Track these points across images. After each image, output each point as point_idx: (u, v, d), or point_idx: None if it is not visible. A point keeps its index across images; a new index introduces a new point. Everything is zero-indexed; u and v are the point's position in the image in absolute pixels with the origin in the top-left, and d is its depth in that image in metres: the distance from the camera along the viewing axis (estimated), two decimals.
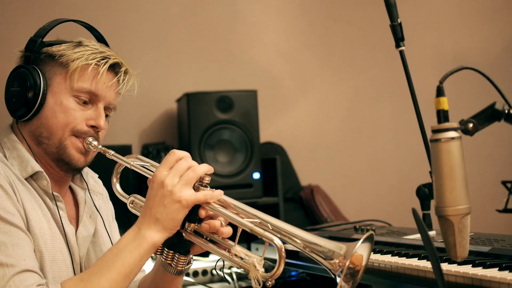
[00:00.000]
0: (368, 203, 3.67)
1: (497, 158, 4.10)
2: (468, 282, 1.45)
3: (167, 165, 1.39)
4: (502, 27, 4.24)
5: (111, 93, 1.56)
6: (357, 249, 1.24)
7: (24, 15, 2.99)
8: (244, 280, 2.40)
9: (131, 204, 1.56)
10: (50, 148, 1.50)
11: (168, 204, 1.35)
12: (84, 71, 1.51)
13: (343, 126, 3.74)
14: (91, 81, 1.51)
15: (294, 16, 3.69)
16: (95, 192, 1.67)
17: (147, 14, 3.29)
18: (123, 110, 3.24)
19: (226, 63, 3.46)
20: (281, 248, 1.27)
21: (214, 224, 1.40)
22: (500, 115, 1.17)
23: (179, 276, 1.51)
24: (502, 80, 2.91)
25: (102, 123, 1.54)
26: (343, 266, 1.23)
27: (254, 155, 2.89)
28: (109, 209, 1.75)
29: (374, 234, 1.30)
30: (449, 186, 1.12)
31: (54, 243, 1.45)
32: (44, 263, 1.41)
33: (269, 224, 1.34)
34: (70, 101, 1.50)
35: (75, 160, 1.53)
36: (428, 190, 1.92)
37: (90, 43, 1.57)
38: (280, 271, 1.27)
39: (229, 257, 1.36)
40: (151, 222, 1.36)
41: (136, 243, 1.35)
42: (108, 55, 1.54)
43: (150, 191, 1.38)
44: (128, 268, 1.34)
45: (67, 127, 1.50)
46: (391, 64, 3.13)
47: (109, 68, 1.54)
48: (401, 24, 2.02)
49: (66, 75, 1.50)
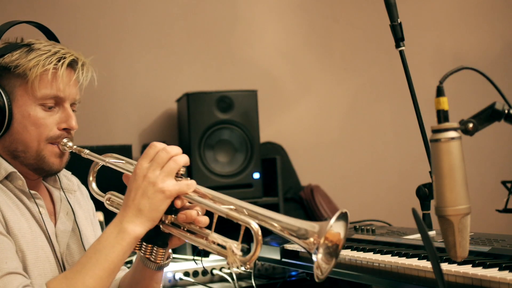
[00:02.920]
0: (368, 203, 3.67)
1: (497, 158, 4.10)
2: (468, 282, 1.45)
3: (148, 157, 1.40)
4: (502, 27, 4.24)
5: (74, 90, 1.55)
6: (330, 226, 1.25)
7: (24, 15, 2.99)
8: (244, 280, 2.40)
9: (108, 201, 1.56)
10: (28, 160, 1.50)
11: (151, 195, 1.35)
12: (44, 77, 1.48)
13: (343, 126, 3.74)
14: (53, 86, 1.49)
15: (294, 16, 3.69)
16: (69, 191, 1.66)
17: (147, 14, 3.29)
18: (123, 110, 3.25)
19: (226, 63, 3.46)
20: (258, 232, 1.28)
21: (190, 214, 1.40)
22: (500, 115, 1.17)
23: (159, 271, 1.53)
24: (502, 80, 2.91)
25: (73, 123, 1.54)
26: (318, 244, 1.25)
27: (254, 155, 2.89)
28: (90, 207, 1.75)
29: (348, 212, 1.31)
30: (449, 186, 1.12)
31: (35, 241, 1.45)
32: (27, 262, 1.40)
33: (244, 209, 1.36)
34: (37, 111, 1.49)
35: (56, 166, 1.53)
36: (428, 190, 1.92)
37: (41, 44, 1.53)
38: (257, 254, 1.28)
39: (207, 245, 1.38)
40: (134, 215, 1.36)
41: (119, 237, 1.36)
42: (63, 54, 1.52)
43: (131, 184, 1.39)
44: (112, 264, 1.35)
45: (41, 137, 1.49)
46: (391, 64, 3.14)
47: (67, 67, 1.52)
48: (401, 24, 2.02)
49: (26, 86, 1.48)
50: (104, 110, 3.17)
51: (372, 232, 2.05)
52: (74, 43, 3.02)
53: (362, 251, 1.86)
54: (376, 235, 2.01)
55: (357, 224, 2.23)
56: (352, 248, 1.91)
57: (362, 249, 1.87)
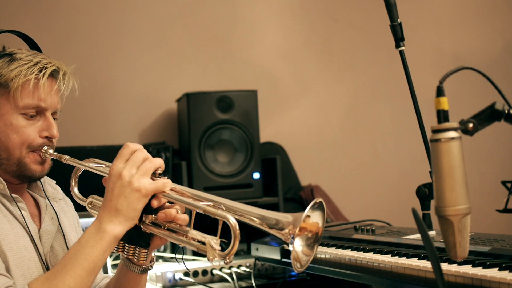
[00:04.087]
0: (368, 203, 3.67)
1: (497, 158, 4.10)
2: (468, 282, 1.45)
3: (123, 158, 1.42)
4: (502, 27, 4.24)
5: (55, 99, 1.57)
6: (305, 216, 1.29)
7: (24, 15, 2.99)
8: (244, 280, 2.40)
9: (90, 205, 1.59)
10: (10, 167, 1.52)
11: (128, 195, 1.38)
12: (26, 87, 1.50)
13: (343, 126, 3.74)
14: (34, 96, 1.51)
15: (294, 16, 3.69)
16: (54, 199, 1.68)
17: (147, 14, 3.29)
18: (123, 110, 3.25)
19: (226, 63, 3.46)
20: (235, 226, 1.31)
21: (170, 213, 1.43)
22: (500, 115, 1.17)
23: (143, 274, 1.55)
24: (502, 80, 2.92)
25: (55, 132, 1.56)
26: (294, 234, 1.28)
27: (254, 155, 2.89)
28: (74, 217, 1.77)
29: (323, 201, 1.33)
30: (449, 186, 1.12)
31: (18, 242, 1.46)
32: (9, 263, 1.42)
33: (222, 205, 1.38)
34: (19, 120, 1.51)
35: (37, 173, 1.55)
36: (428, 190, 1.92)
37: (23, 54, 1.54)
38: (235, 248, 1.31)
39: (187, 242, 1.40)
40: (112, 215, 1.39)
41: (98, 237, 1.38)
42: (45, 64, 1.53)
43: (108, 185, 1.41)
44: (92, 263, 1.37)
45: (23, 145, 1.51)
46: (391, 64, 3.13)
47: (49, 77, 1.54)
48: (401, 24, 2.02)
49: (8, 95, 1.50)
50: (104, 110, 3.17)
51: (372, 232, 2.06)
52: (74, 43, 3.05)
53: (362, 251, 1.86)
54: (376, 235, 2.01)
55: (357, 224, 2.23)
56: (352, 248, 1.91)
57: (362, 249, 1.87)
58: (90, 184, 1.63)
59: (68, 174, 1.64)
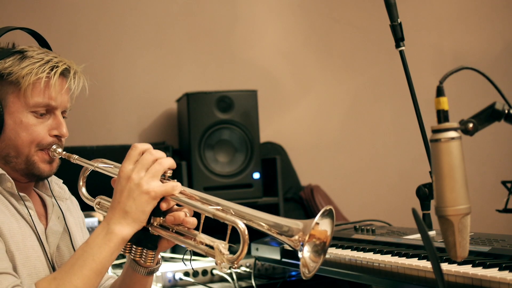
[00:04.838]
0: (368, 203, 3.67)
1: (497, 158, 4.10)
2: (468, 282, 1.45)
3: (131, 159, 1.41)
4: (502, 27, 4.24)
5: (65, 98, 1.57)
6: (314, 224, 1.28)
7: (24, 15, 2.99)
8: (244, 280, 2.40)
9: (98, 206, 1.58)
10: (19, 165, 1.52)
11: (137, 197, 1.37)
12: (36, 85, 1.50)
13: (343, 126, 3.74)
14: (45, 94, 1.51)
15: (294, 16, 3.69)
16: (61, 198, 1.68)
17: (147, 14, 3.29)
18: (123, 110, 3.25)
19: (226, 63, 3.46)
20: (244, 231, 1.30)
21: (178, 216, 1.42)
22: (500, 115, 1.17)
23: (149, 276, 1.54)
24: (502, 80, 2.91)
25: (64, 131, 1.55)
26: (303, 241, 1.28)
27: (254, 155, 2.89)
28: (80, 216, 1.77)
29: (332, 209, 1.32)
30: (449, 186, 1.12)
31: (25, 241, 1.46)
32: (16, 262, 1.41)
33: (231, 209, 1.38)
34: (29, 118, 1.51)
35: (46, 172, 1.55)
36: (428, 190, 1.92)
37: (34, 52, 1.54)
38: (244, 254, 1.30)
39: (195, 246, 1.39)
40: (120, 216, 1.38)
41: (106, 239, 1.37)
42: (56, 63, 1.53)
43: (117, 187, 1.40)
44: (100, 264, 1.36)
45: (32, 143, 1.51)
46: (391, 64, 3.13)
47: (60, 75, 1.53)
48: (401, 24, 2.02)
49: (19, 93, 1.50)
50: (104, 110, 3.17)
51: (372, 232, 2.06)
52: (74, 43, 3.05)
53: (362, 251, 1.86)
54: (376, 235, 2.01)
55: (357, 224, 2.23)
56: (352, 248, 1.91)
57: (362, 249, 1.87)
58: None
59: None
